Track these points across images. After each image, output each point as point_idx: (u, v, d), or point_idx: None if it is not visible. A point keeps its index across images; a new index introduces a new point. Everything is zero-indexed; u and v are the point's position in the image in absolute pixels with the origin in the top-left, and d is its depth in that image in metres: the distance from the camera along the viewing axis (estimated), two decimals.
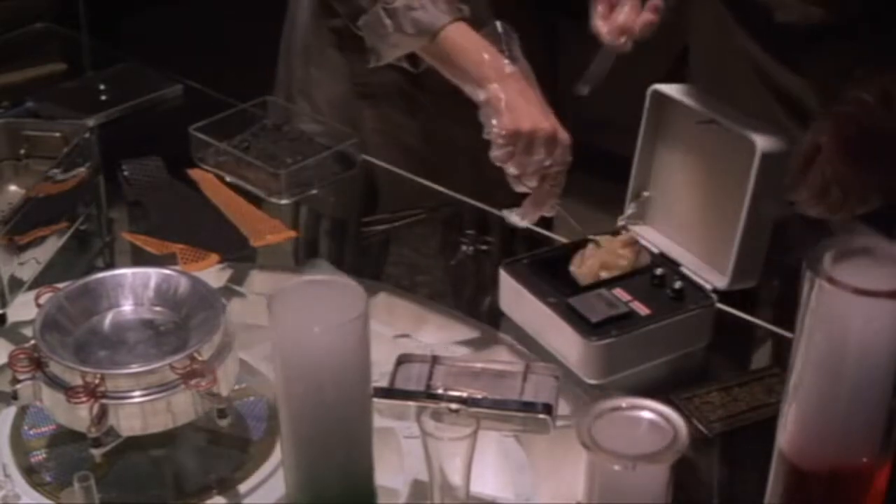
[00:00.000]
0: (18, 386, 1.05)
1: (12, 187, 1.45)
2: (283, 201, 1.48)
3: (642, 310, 1.20)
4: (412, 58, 1.43)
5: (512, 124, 1.30)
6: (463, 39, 1.35)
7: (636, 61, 1.30)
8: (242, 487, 1.06)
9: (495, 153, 1.31)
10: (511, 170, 1.32)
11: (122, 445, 1.06)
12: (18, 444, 1.11)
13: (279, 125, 1.60)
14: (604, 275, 1.24)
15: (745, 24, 1.36)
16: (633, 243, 1.26)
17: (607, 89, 1.30)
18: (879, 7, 1.28)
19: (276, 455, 1.07)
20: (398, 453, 1.09)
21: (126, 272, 1.15)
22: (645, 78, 1.33)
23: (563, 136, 1.31)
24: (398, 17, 1.36)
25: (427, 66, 1.42)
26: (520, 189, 1.33)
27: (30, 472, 1.08)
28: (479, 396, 1.11)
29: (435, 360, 1.17)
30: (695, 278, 1.24)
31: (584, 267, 1.24)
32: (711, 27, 1.41)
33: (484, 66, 1.33)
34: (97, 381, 1.02)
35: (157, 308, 1.13)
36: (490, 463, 1.08)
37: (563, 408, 1.13)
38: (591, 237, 1.27)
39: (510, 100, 1.31)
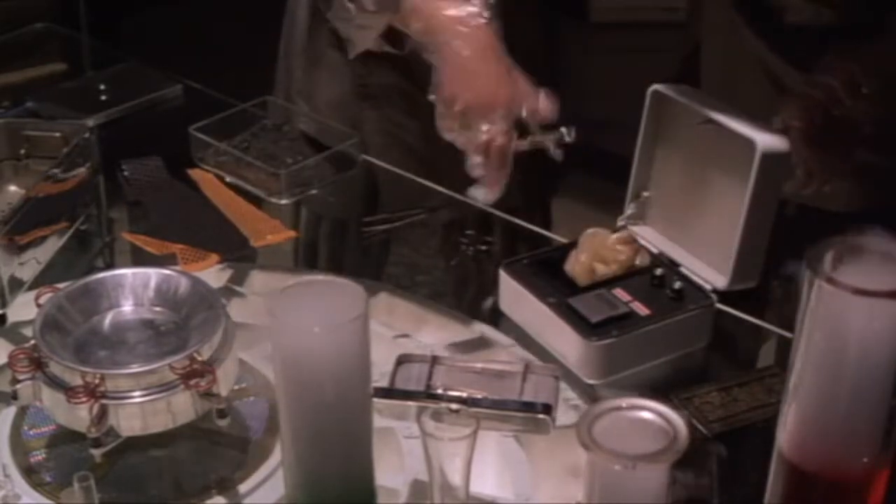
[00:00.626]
0: (18, 386, 1.05)
1: (12, 187, 1.44)
2: (283, 201, 1.48)
3: (642, 310, 1.20)
4: (394, 40, 1.41)
5: (451, 90, 1.26)
6: (423, 3, 1.30)
7: (639, 61, 1.30)
8: (242, 487, 1.06)
9: (437, 123, 1.29)
10: (458, 143, 1.30)
11: (122, 445, 1.06)
12: (18, 444, 1.11)
13: (279, 125, 1.59)
14: (600, 268, 1.23)
15: (756, 26, 1.36)
16: (631, 241, 1.26)
17: (607, 89, 1.30)
18: (887, 8, 1.28)
19: (276, 455, 1.07)
20: (398, 453, 1.09)
21: (126, 272, 1.15)
22: (646, 78, 1.33)
23: (513, 102, 1.27)
24: None
25: (413, 47, 1.39)
26: (473, 173, 1.31)
27: (29, 473, 1.08)
28: (479, 396, 1.12)
29: (435, 360, 1.17)
30: (695, 278, 1.24)
31: (578, 265, 1.24)
32: (723, 29, 1.41)
33: (442, 24, 1.28)
34: (97, 381, 1.02)
35: (157, 308, 1.13)
36: (490, 463, 1.08)
37: (562, 408, 1.13)
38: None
39: (461, 63, 1.26)
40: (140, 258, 1.39)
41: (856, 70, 1.26)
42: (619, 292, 1.22)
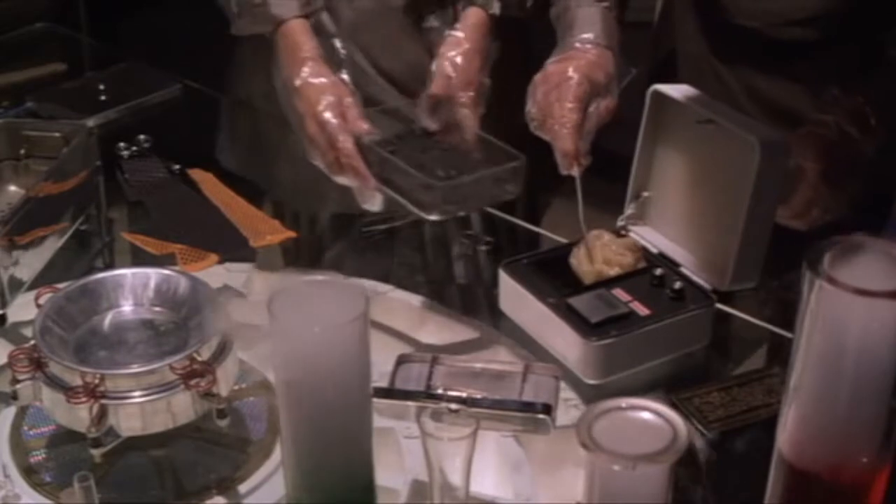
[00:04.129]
0: (18, 386, 1.05)
1: (12, 187, 1.45)
2: (432, 217, 1.27)
3: (642, 310, 1.20)
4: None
5: None
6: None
7: (640, 61, 1.31)
8: (242, 487, 1.06)
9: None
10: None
11: (122, 445, 1.06)
12: (18, 444, 1.11)
13: (430, 132, 1.35)
14: (603, 269, 1.23)
15: (721, 46, 1.38)
16: (636, 249, 1.26)
17: None
18: (856, 23, 1.30)
19: (276, 455, 1.07)
20: (398, 453, 1.09)
21: (126, 272, 1.15)
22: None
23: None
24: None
25: None
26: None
27: (29, 473, 1.08)
28: (479, 396, 1.12)
29: (435, 360, 1.17)
30: (695, 278, 1.24)
31: (583, 261, 1.24)
32: (691, 35, 1.43)
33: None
34: (97, 382, 1.02)
35: (157, 308, 1.13)
36: (490, 463, 1.08)
37: (562, 408, 1.13)
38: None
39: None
40: (140, 258, 1.39)
41: (861, 102, 1.27)
42: (619, 292, 1.22)
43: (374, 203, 1.29)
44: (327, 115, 1.27)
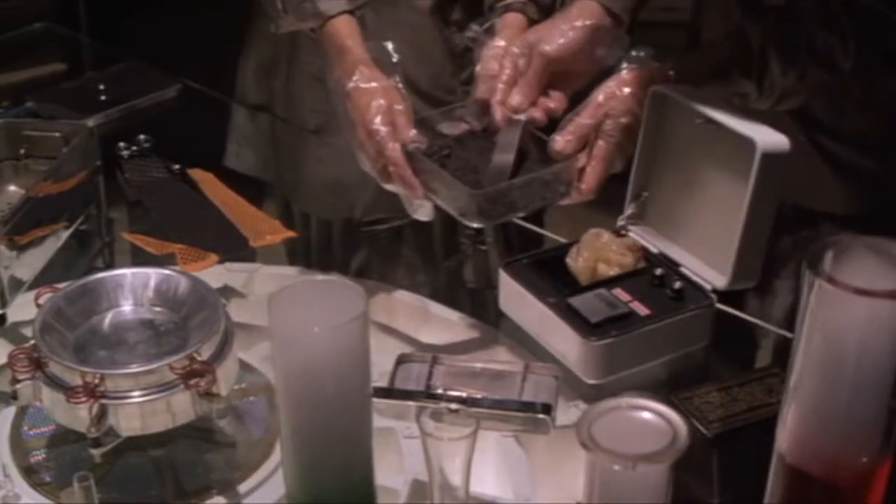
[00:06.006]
0: (18, 386, 1.05)
1: (12, 187, 1.45)
2: (475, 225, 1.25)
3: (642, 310, 1.20)
4: None
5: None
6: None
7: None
8: (242, 487, 1.06)
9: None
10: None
11: (122, 445, 1.06)
12: (18, 444, 1.11)
13: (490, 131, 1.29)
14: (601, 267, 1.23)
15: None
16: (635, 248, 1.26)
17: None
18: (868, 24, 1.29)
19: (276, 455, 1.07)
20: (398, 453, 1.09)
21: (126, 272, 1.15)
22: None
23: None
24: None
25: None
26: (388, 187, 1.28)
27: (29, 472, 1.08)
28: (479, 396, 1.12)
29: (435, 360, 1.17)
30: (695, 278, 1.24)
31: (580, 262, 1.24)
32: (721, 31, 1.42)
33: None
34: (97, 381, 1.02)
35: (157, 308, 1.13)
36: (490, 463, 1.08)
37: (562, 408, 1.13)
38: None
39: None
40: (140, 258, 1.39)
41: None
42: (619, 292, 1.22)
43: (423, 212, 1.27)
44: (377, 122, 1.25)
